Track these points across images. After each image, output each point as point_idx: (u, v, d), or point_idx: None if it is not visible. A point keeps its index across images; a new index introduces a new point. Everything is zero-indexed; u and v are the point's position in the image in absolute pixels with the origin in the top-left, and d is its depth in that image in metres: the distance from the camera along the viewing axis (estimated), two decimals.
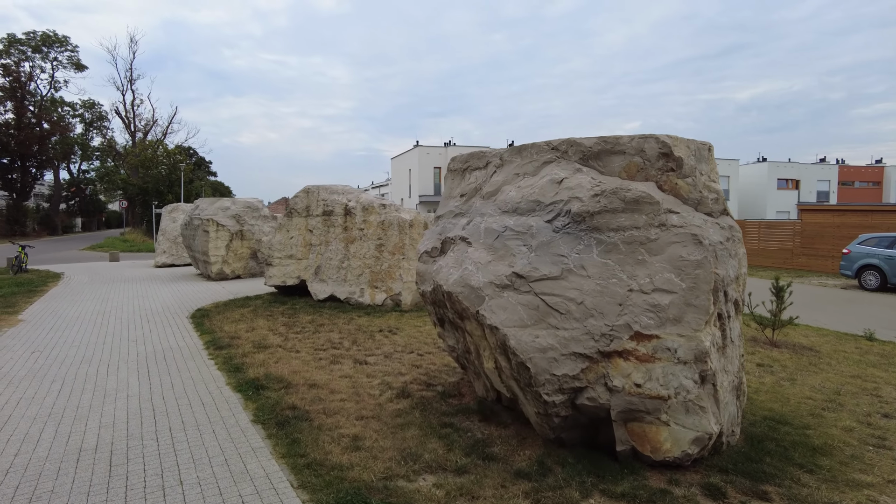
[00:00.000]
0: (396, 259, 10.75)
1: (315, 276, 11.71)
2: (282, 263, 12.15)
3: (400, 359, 7.23)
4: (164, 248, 22.03)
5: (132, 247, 35.27)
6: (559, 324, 4.28)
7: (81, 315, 10.73)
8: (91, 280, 16.99)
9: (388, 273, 10.80)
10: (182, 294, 13.63)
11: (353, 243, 11.20)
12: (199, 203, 17.33)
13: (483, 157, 5.74)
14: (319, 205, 11.78)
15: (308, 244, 11.95)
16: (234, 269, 16.65)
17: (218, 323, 9.64)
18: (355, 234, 11.21)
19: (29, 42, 50.88)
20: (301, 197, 12.10)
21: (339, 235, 11.42)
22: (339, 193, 11.81)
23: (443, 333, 5.88)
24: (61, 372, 6.74)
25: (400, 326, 9.21)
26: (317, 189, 11.97)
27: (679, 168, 4.69)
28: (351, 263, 11.18)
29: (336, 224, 11.49)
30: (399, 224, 10.74)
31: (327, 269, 11.51)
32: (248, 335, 8.61)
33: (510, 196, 5.03)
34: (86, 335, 8.88)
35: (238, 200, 17.21)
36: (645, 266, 4.29)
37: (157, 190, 42.17)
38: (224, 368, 6.79)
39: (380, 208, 11.05)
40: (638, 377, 4.09)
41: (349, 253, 11.23)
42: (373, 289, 10.94)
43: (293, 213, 12.16)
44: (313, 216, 11.87)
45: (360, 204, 11.27)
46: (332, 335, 8.58)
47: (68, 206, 66.04)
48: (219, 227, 16.25)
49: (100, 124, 60.85)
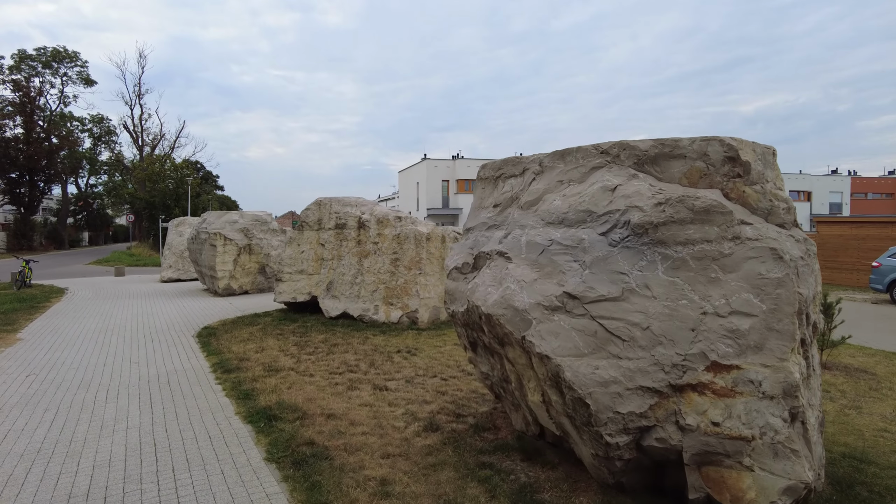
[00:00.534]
0: (413, 274, 10.20)
1: (327, 292, 11.17)
2: (292, 279, 11.63)
3: (423, 384, 6.64)
4: (170, 262, 21.59)
5: (138, 261, 34.92)
6: (622, 352, 3.71)
7: (83, 333, 10.22)
8: (95, 296, 16.53)
9: (404, 289, 10.25)
10: (188, 311, 13.12)
11: (367, 258, 10.68)
12: (207, 216, 16.88)
13: (519, 163, 5.21)
14: (332, 218, 11.28)
15: (320, 259, 11.43)
16: (241, 285, 16.15)
17: (225, 343, 9.09)
18: (369, 248, 10.68)
19: (39, 58, 51.23)
20: (313, 210, 11.61)
21: (353, 249, 10.90)
22: (353, 206, 11.31)
23: (475, 359, 5.31)
24: (56, 398, 6.19)
25: (419, 347, 8.64)
26: (329, 201, 11.48)
27: (746, 174, 4.14)
28: (364, 279, 10.64)
29: (349, 238, 10.98)
30: (416, 237, 10.21)
31: (340, 284, 10.98)
32: (257, 356, 8.06)
33: (555, 205, 4.48)
34: (86, 356, 8.35)
35: (246, 214, 16.76)
36: (719, 285, 3.73)
37: (163, 204, 41.95)
38: (233, 395, 6.23)
39: (395, 221, 10.54)
40: (716, 414, 3.51)
41: (363, 268, 10.70)
42: (387, 305, 10.39)
43: (304, 226, 11.66)
44: (325, 230, 11.37)
45: (374, 217, 10.76)
46: (348, 356, 8.01)
47: (76, 220, 66.09)
48: (226, 241, 15.78)
49: (108, 139, 61.11)
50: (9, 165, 46.54)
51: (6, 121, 47.38)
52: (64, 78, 53.58)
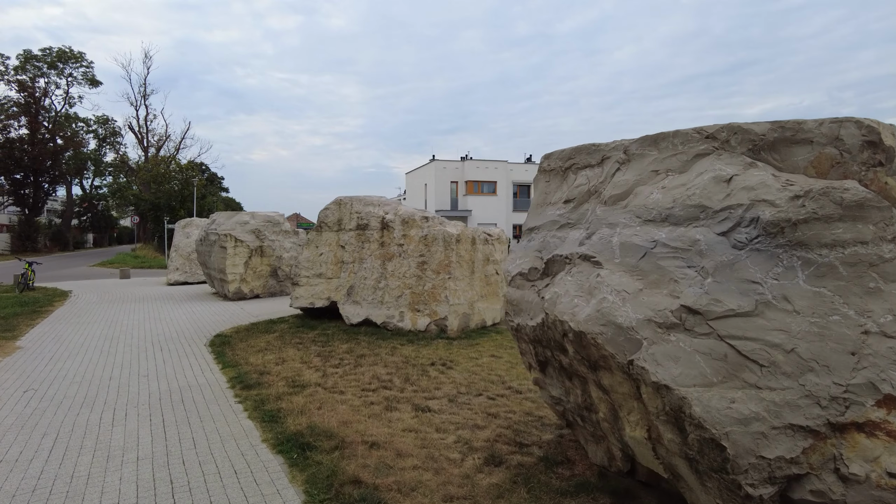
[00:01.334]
0: (441, 279, 9.46)
1: (347, 298, 10.44)
2: (310, 283, 10.91)
3: (469, 403, 5.90)
4: (176, 264, 20.92)
5: (143, 263, 34.31)
6: (761, 381, 2.96)
7: (87, 341, 9.51)
8: (99, 299, 15.85)
9: (432, 294, 9.51)
10: (198, 316, 12.41)
11: (392, 260, 9.94)
12: (216, 217, 16.20)
13: (595, 151, 4.47)
14: (353, 218, 10.56)
15: (339, 262, 10.71)
16: (252, 288, 15.44)
17: (242, 353, 8.37)
18: (393, 251, 9.95)
19: (45, 58, 50.79)
20: (332, 209, 10.89)
21: (375, 252, 10.17)
22: (375, 205, 10.59)
23: (542, 381, 4.56)
24: (56, 420, 5.47)
25: (453, 359, 7.89)
26: (349, 200, 10.76)
27: (889, 162, 3.39)
28: (389, 283, 9.91)
29: (371, 239, 10.25)
30: (444, 239, 9.48)
31: (361, 289, 10.25)
32: (278, 369, 7.33)
33: (653, 200, 3.74)
34: (90, 367, 7.64)
35: (258, 214, 16.06)
36: (881, 297, 2.98)
37: (168, 205, 41.37)
38: (257, 417, 5.49)
39: (422, 221, 9.80)
40: (892, 463, 2.76)
41: (386, 271, 9.96)
42: (414, 312, 9.65)
43: (323, 227, 10.94)
44: (346, 230, 10.65)
45: (399, 216, 10.03)
46: (378, 370, 7.27)
47: (80, 221, 65.61)
48: (237, 242, 15.08)
49: (113, 140, 60.61)
50: (13, 166, 46.06)
51: (11, 121, 46.95)
52: (69, 78, 53.16)
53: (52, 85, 52.24)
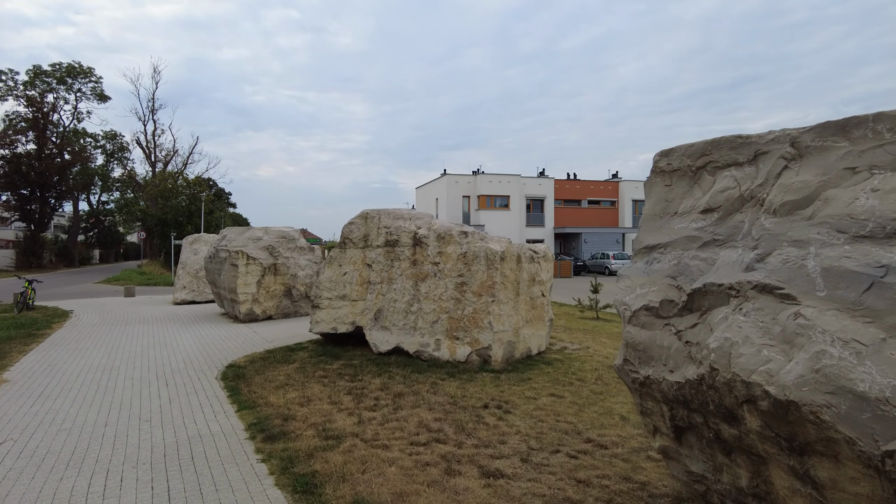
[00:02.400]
0: (484, 302, 8.34)
1: (375, 322, 9.32)
2: (332, 306, 9.80)
3: (547, 464, 4.74)
4: (183, 282, 19.89)
5: (149, 280, 33.36)
6: None
7: (83, 373, 8.42)
8: (101, 320, 14.79)
9: (473, 320, 8.38)
10: (207, 341, 11.31)
11: (425, 281, 8.84)
12: (227, 233, 15.18)
13: (744, 145, 3.37)
14: (381, 233, 9.48)
15: (366, 282, 9.60)
16: (265, 309, 14.34)
17: (259, 389, 7.25)
18: (427, 270, 8.85)
19: (54, 73, 50.56)
20: (357, 224, 9.82)
21: (407, 271, 9.07)
22: (406, 219, 9.51)
23: (675, 450, 3.42)
24: (34, 488, 4.35)
25: (508, 399, 6.74)
26: (377, 214, 9.69)
27: None
28: (422, 307, 8.79)
29: (402, 257, 9.16)
30: (487, 256, 8.37)
31: (391, 313, 9.13)
32: (304, 412, 6.20)
33: (864, 208, 2.63)
34: (83, 408, 6.53)
35: (271, 230, 15.03)
36: None
37: (176, 221, 40.56)
38: (287, 484, 4.35)
39: (460, 237, 8.71)
40: None
41: (420, 293, 8.85)
42: (452, 340, 8.51)
43: (347, 243, 9.86)
44: (373, 247, 9.56)
45: (433, 231, 8.95)
46: (423, 414, 6.13)
47: (87, 237, 65.01)
48: (249, 260, 14.03)
49: (121, 155, 60.17)
50: (20, 181, 45.48)
51: (18, 136, 46.49)
52: (78, 94, 52.91)
53: (61, 100, 51.98)
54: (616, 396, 6.96)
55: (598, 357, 9.37)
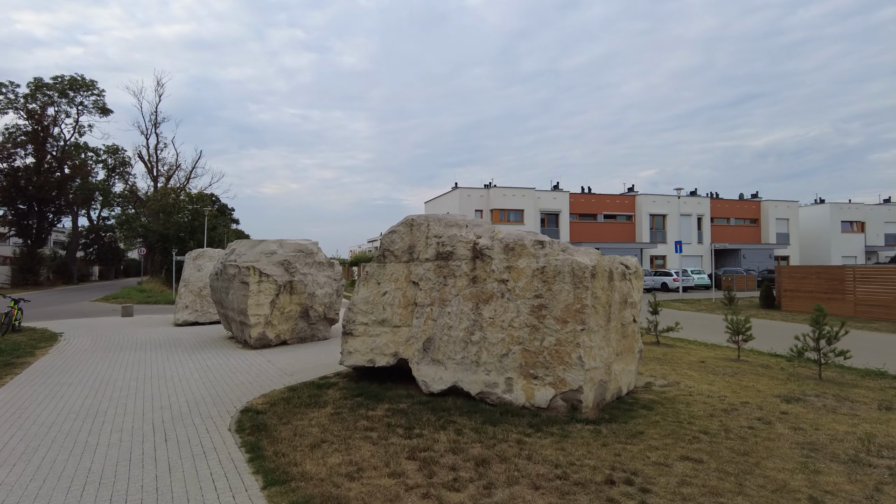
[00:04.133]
0: (570, 331, 6.54)
1: (424, 354, 7.52)
2: (369, 333, 8.01)
3: None
4: (186, 301, 18.10)
5: (149, 297, 31.58)
6: None
7: (58, 421, 6.62)
8: (93, 345, 12.99)
9: (557, 354, 6.58)
10: (215, 374, 9.49)
11: (489, 303, 7.06)
12: (236, 247, 13.43)
13: None
14: (430, 244, 7.73)
15: (411, 303, 7.83)
16: (279, 333, 12.54)
17: (288, 448, 5.43)
18: (492, 289, 7.07)
19: (56, 86, 49.36)
20: (400, 233, 8.06)
21: (464, 290, 7.30)
22: (461, 226, 7.77)
23: None
24: None
25: (632, 467, 4.91)
26: (425, 220, 7.95)
27: None
28: (487, 336, 7.00)
29: (458, 273, 7.39)
30: (574, 272, 6.60)
31: (445, 343, 7.33)
32: (357, 491, 4.38)
33: None
34: (49, 481, 4.73)
35: (287, 243, 13.28)
36: None
37: (177, 236, 38.91)
38: None
39: (535, 247, 6.95)
40: None
41: (482, 318, 7.07)
42: (528, 380, 6.70)
43: (388, 256, 8.11)
44: (420, 261, 7.80)
45: (499, 241, 7.19)
46: (527, 495, 4.30)
47: (86, 253, 63.35)
48: (262, 276, 12.26)
49: (122, 170, 58.77)
50: (17, 195, 43.93)
51: (17, 150, 45.07)
52: (80, 107, 51.69)
53: (62, 113, 50.72)
54: (770, 459, 5.14)
55: (701, 396, 7.55)
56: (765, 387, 8.27)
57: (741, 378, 8.90)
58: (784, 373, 9.48)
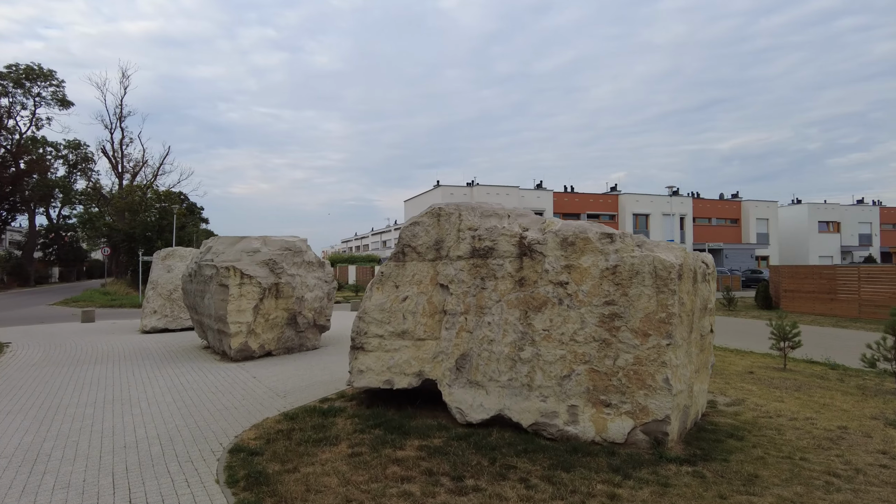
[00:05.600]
0: (654, 346, 5.21)
1: (457, 375, 6.09)
2: (385, 347, 6.54)
3: None
4: (154, 306, 16.25)
5: (113, 300, 29.31)
6: None
7: None
8: (44, 358, 11.17)
9: (636, 375, 5.23)
10: (191, 394, 7.88)
11: (542, 311, 5.68)
12: (213, 244, 11.76)
13: None
14: (463, 238, 6.31)
15: (438, 311, 6.39)
16: (263, 343, 10.93)
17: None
18: (545, 294, 5.70)
19: (10, 75, 46.14)
20: (425, 225, 6.61)
21: (509, 295, 5.90)
22: (502, 216, 6.37)
23: None
24: None
25: None
26: (456, 210, 6.52)
27: None
28: (541, 352, 5.61)
29: (500, 273, 5.99)
30: (656, 273, 5.27)
31: (485, 361, 5.93)
32: None
33: None
34: None
35: (272, 240, 11.67)
36: None
37: (144, 236, 36.48)
38: None
39: (602, 241, 5.59)
40: None
41: (534, 330, 5.69)
42: (598, 408, 5.34)
43: (408, 253, 6.65)
44: (450, 259, 6.37)
45: (553, 234, 5.81)
46: None
47: (45, 254, 59.75)
48: (244, 278, 10.64)
49: (84, 166, 55.48)
50: None
51: None
52: (37, 98, 48.45)
53: (18, 105, 47.49)
54: None
55: (783, 419, 6.30)
56: (847, 405, 7.09)
57: (810, 393, 7.73)
58: (849, 385, 8.36)
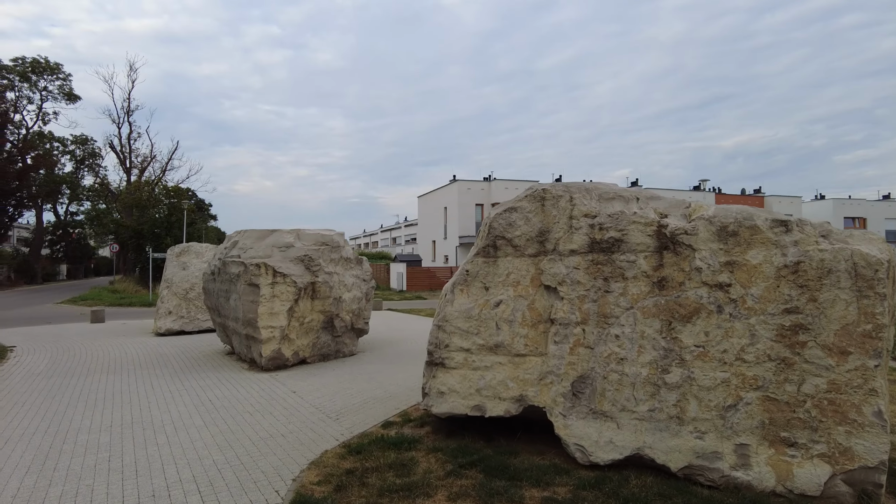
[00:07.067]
0: (856, 367, 3.90)
1: (574, 402, 4.79)
2: (472, 363, 5.25)
3: None
4: (169, 306, 15.02)
5: (122, 299, 28.21)
6: None
7: None
8: (51, 366, 9.95)
9: (833, 406, 3.92)
10: (224, 415, 6.61)
11: (694, 321, 4.37)
12: (239, 238, 10.49)
13: None
14: (578, 227, 4.99)
15: (544, 320, 5.08)
16: (297, 350, 9.66)
17: None
18: (698, 299, 4.38)
19: (16, 69, 45.12)
20: (525, 211, 5.29)
21: (645, 301, 4.59)
22: (628, 200, 5.04)
23: None
24: None
25: None
26: (565, 192, 5.20)
27: None
28: (694, 375, 4.31)
29: (632, 272, 4.68)
30: (856, 271, 3.95)
31: (613, 385, 4.62)
32: None
33: None
34: None
35: (306, 233, 10.38)
36: None
37: (152, 233, 35.33)
38: None
39: (775, 231, 4.27)
40: None
41: (682, 346, 4.38)
42: (779, 449, 4.04)
43: (501, 246, 5.34)
44: (559, 254, 5.06)
45: (706, 222, 4.49)
46: None
47: (53, 251, 58.79)
48: (277, 276, 9.36)
49: (92, 162, 54.47)
50: None
51: None
52: (44, 92, 47.42)
53: (24, 99, 46.47)
54: None
55: None
56: None
57: None
58: None
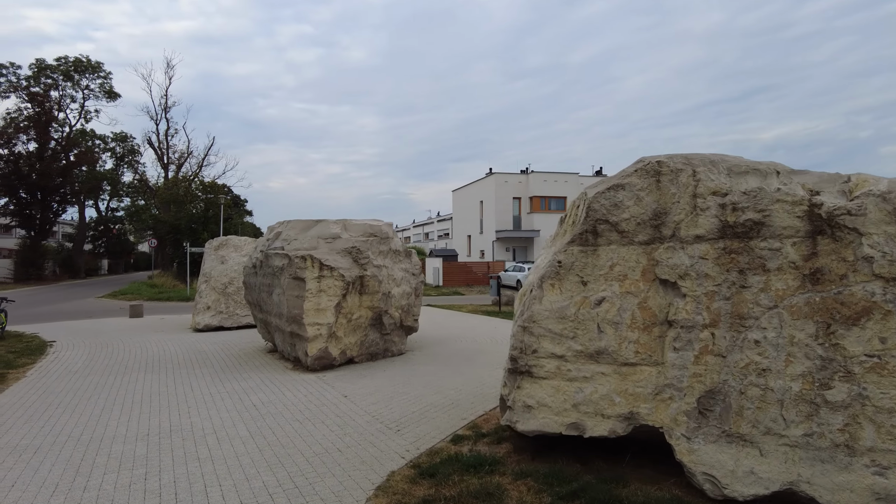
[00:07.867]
0: None
1: (701, 422, 3.89)
2: (566, 373, 4.40)
3: None
4: (207, 301, 14.59)
5: (160, 293, 28.27)
6: None
7: None
8: (89, 362, 9.52)
9: None
10: (271, 423, 5.92)
11: (862, 324, 3.43)
12: (282, 229, 9.84)
13: None
14: (704, 207, 4.08)
15: (659, 322, 4.19)
16: (345, 348, 8.97)
17: None
18: (867, 296, 3.44)
19: (60, 68, 46.04)
20: (634, 189, 4.38)
21: (794, 298, 3.66)
22: (765, 174, 4.10)
23: None
24: None
25: None
26: (686, 165, 4.28)
27: None
28: (867, 391, 3.37)
29: (776, 262, 3.76)
30: None
31: (754, 402, 3.71)
32: None
33: None
34: None
35: (353, 224, 9.67)
36: None
37: (189, 228, 35.49)
38: None
39: None
40: None
41: (846, 356, 3.44)
42: None
43: (603, 233, 4.46)
44: (679, 241, 4.16)
45: (877, 197, 3.53)
46: None
47: (94, 246, 60.19)
48: (323, 270, 8.67)
49: (131, 159, 55.47)
50: (18, 183, 40.66)
51: (19, 135, 41.75)
52: (86, 91, 48.30)
53: (67, 98, 47.41)
54: None
55: None
56: None
57: None
58: None
